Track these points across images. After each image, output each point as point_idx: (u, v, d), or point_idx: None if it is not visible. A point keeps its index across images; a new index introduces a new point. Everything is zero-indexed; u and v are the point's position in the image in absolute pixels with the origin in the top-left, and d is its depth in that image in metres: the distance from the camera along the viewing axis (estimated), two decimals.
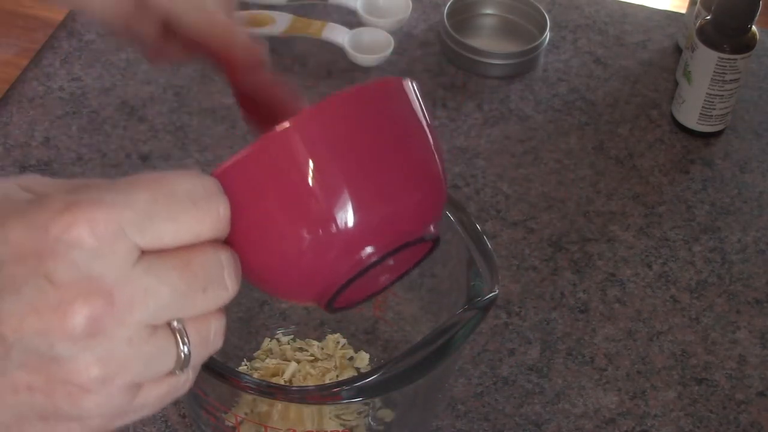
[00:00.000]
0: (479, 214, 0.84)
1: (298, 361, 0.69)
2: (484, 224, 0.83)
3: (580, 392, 0.73)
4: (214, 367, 0.50)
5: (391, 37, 0.96)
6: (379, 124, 0.41)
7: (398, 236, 0.41)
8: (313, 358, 0.70)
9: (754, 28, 0.86)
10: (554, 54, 0.99)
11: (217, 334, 0.38)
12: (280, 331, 0.72)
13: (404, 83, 0.43)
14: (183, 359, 0.37)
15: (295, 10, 0.99)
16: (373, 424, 0.63)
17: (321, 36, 0.96)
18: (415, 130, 0.42)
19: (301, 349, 0.71)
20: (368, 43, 0.96)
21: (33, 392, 0.35)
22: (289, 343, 0.71)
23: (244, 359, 0.70)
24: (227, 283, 0.38)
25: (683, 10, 1.01)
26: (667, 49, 1.01)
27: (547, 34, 0.98)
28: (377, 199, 0.40)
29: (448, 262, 0.58)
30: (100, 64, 0.94)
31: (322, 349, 0.71)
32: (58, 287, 0.34)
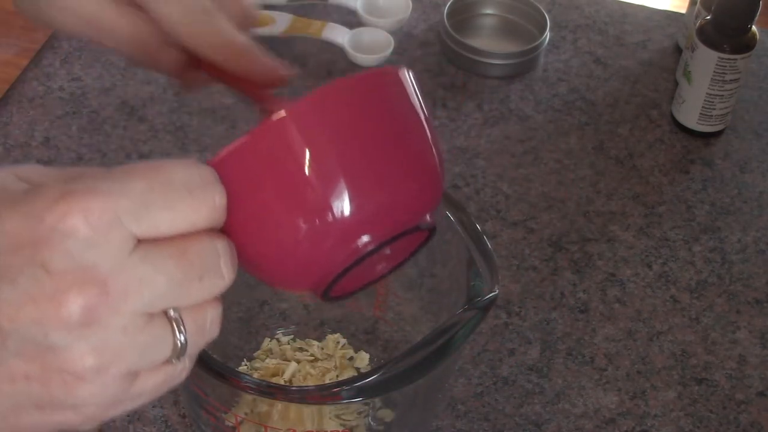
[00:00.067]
0: (479, 214, 0.84)
1: (298, 361, 0.69)
2: (484, 224, 0.83)
3: (580, 392, 0.73)
4: (214, 367, 0.50)
5: (391, 37, 0.96)
6: (376, 112, 0.41)
7: (395, 225, 0.41)
8: (313, 358, 0.70)
9: (754, 28, 0.86)
10: (554, 54, 0.99)
11: (213, 322, 0.38)
12: (280, 331, 0.72)
13: (400, 72, 0.42)
14: (179, 348, 0.37)
15: (295, 10, 0.99)
16: (373, 424, 0.63)
17: (321, 36, 0.96)
18: (411, 119, 0.42)
19: (301, 349, 0.71)
20: (368, 43, 0.96)
21: (29, 381, 0.35)
22: (289, 343, 0.71)
23: (244, 359, 0.70)
24: (223, 271, 0.38)
25: (683, 10, 1.01)
26: (667, 49, 1.01)
27: (547, 34, 0.98)
28: (374, 187, 0.40)
29: (448, 262, 0.58)
30: (100, 64, 0.94)
31: (322, 349, 0.71)
32: (54, 276, 0.34)
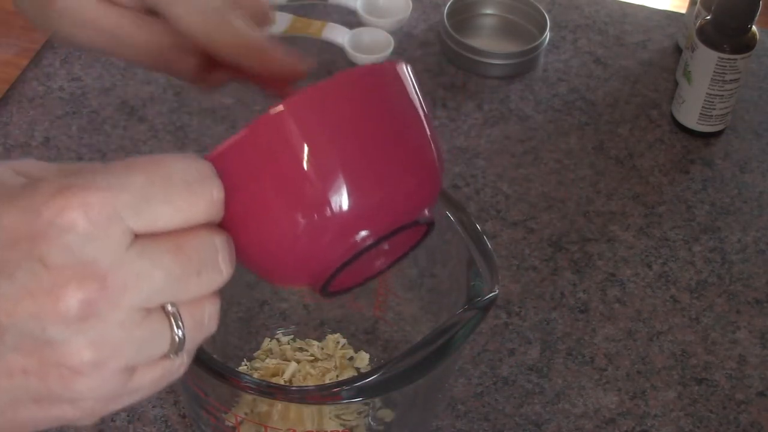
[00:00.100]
0: (479, 214, 0.84)
1: (298, 361, 0.69)
2: (484, 224, 0.83)
3: (580, 392, 0.73)
4: (214, 367, 0.50)
5: (391, 37, 0.96)
6: (374, 107, 0.40)
7: (393, 220, 0.41)
8: (313, 358, 0.70)
9: (754, 28, 0.86)
10: (554, 54, 0.99)
11: (211, 317, 0.38)
12: (280, 331, 0.72)
13: (399, 67, 0.42)
14: (177, 343, 0.37)
15: (295, 10, 0.99)
16: (373, 424, 0.63)
17: (321, 36, 0.96)
18: (410, 114, 0.42)
19: (301, 349, 0.71)
20: (368, 43, 0.96)
21: (27, 375, 0.35)
22: (289, 343, 0.71)
23: (244, 359, 0.70)
24: (221, 266, 0.38)
25: (683, 10, 1.01)
26: (667, 49, 1.01)
27: (547, 34, 0.98)
28: (372, 182, 0.40)
29: (448, 262, 0.58)
30: (100, 64, 0.94)
31: (322, 349, 0.71)
32: (52, 271, 0.34)
